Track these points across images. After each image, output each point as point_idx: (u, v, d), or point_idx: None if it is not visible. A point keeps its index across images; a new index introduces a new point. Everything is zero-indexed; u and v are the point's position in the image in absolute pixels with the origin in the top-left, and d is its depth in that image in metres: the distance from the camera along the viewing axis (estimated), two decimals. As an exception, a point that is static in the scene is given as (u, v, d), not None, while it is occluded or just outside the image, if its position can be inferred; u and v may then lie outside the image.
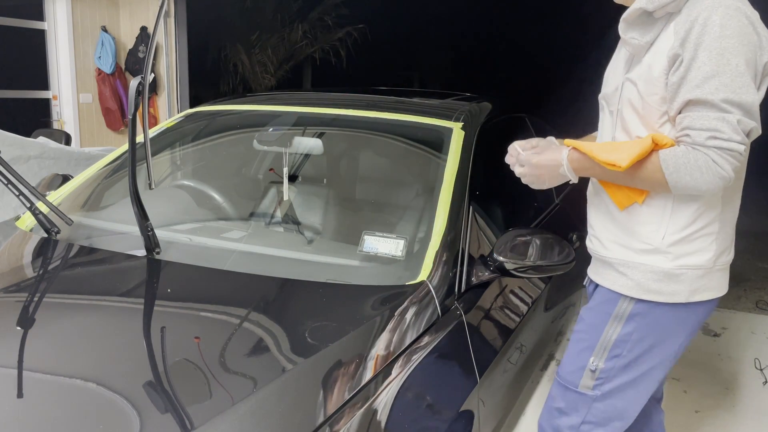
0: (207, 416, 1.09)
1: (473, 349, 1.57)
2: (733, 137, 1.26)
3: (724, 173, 1.27)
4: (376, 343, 1.36)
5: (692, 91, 1.28)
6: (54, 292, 1.57)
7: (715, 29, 1.26)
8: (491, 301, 1.80)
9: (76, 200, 2.12)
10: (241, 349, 1.31)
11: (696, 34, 1.28)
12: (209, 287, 1.58)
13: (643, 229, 1.43)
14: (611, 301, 1.50)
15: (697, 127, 1.28)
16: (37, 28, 5.93)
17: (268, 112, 2.37)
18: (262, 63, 10.06)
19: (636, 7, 1.37)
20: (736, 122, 1.25)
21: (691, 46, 1.28)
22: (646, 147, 1.32)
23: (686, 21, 1.31)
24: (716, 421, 2.83)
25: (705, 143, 1.27)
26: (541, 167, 1.47)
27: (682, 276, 1.42)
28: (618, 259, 1.48)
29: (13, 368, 1.23)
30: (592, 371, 1.53)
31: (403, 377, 1.32)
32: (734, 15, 1.27)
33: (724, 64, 1.25)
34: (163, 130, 2.41)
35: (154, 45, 1.55)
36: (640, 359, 1.50)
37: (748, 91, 1.26)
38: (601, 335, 1.51)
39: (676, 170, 1.30)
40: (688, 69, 1.29)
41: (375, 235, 1.68)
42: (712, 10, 1.28)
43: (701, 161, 1.27)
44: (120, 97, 6.32)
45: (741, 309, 4.28)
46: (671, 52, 1.32)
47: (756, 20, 1.31)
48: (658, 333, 1.48)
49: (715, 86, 1.26)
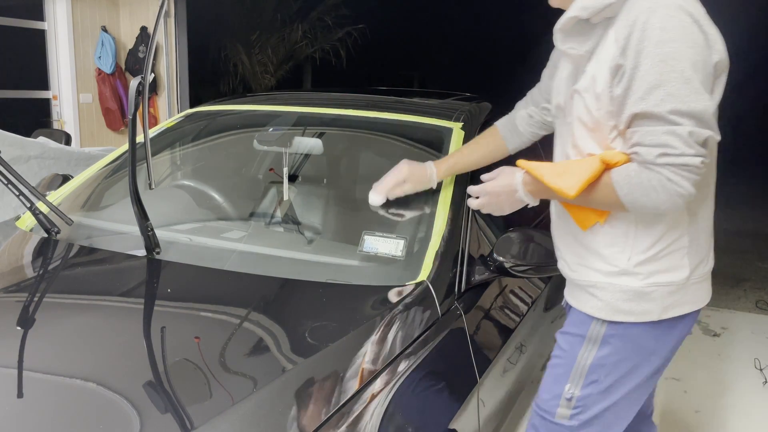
0: (207, 416, 1.09)
1: (473, 349, 1.57)
2: (686, 151, 1.16)
3: (682, 190, 1.18)
4: (376, 343, 1.36)
5: (637, 104, 1.18)
6: (54, 292, 1.57)
7: (656, 33, 1.16)
8: (491, 301, 1.80)
9: (76, 200, 2.12)
10: (240, 349, 1.31)
11: (636, 41, 1.18)
12: (209, 287, 1.58)
13: (608, 251, 1.36)
14: (584, 323, 1.42)
15: (647, 143, 1.19)
16: (37, 28, 5.93)
17: (268, 112, 2.37)
18: (262, 63, 10.06)
19: (570, 16, 1.27)
20: (687, 134, 1.15)
21: (632, 54, 1.18)
22: (595, 170, 1.25)
23: (625, 26, 1.21)
24: (716, 421, 2.83)
25: (656, 161, 1.18)
26: (498, 194, 1.43)
27: (653, 293, 1.35)
28: (587, 281, 1.41)
29: (13, 368, 1.23)
30: (567, 400, 1.44)
31: (402, 377, 1.32)
32: (675, 15, 1.17)
33: (668, 72, 1.15)
34: (163, 130, 2.41)
35: (154, 45, 1.55)
36: (618, 383, 1.41)
37: (697, 98, 1.16)
38: (576, 360, 1.43)
39: (631, 192, 1.22)
40: (632, 80, 1.19)
41: (375, 235, 1.68)
42: (650, 12, 1.17)
43: (655, 181, 1.19)
44: (120, 97, 6.32)
45: (741, 309, 4.28)
46: (613, 62, 1.22)
47: (701, 17, 1.20)
48: (636, 354, 1.40)
49: (660, 97, 1.16)
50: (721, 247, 5.79)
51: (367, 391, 1.24)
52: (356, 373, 1.27)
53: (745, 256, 5.52)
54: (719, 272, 5.87)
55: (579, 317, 1.44)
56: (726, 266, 5.17)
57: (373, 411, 1.21)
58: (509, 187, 1.41)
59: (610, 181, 1.25)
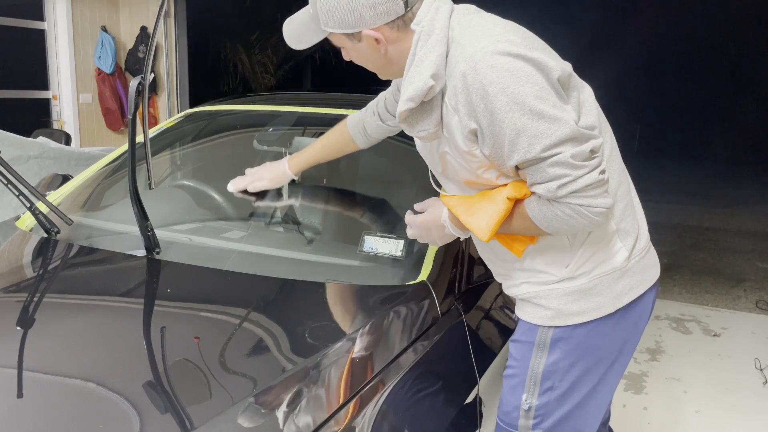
0: (207, 416, 1.09)
1: (473, 349, 1.57)
2: (579, 174, 1.14)
3: (598, 209, 1.17)
4: (375, 343, 1.36)
5: (511, 158, 1.16)
6: (54, 292, 1.57)
7: (488, 90, 1.12)
8: (491, 301, 1.80)
9: (76, 200, 2.12)
10: (241, 349, 1.31)
11: (476, 103, 1.15)
12: (209, 287, 1.58)
13: (547, 268, 1.34)
14: (531, 329, 1.39)
15: (539, 180, 1.17)
16: (37, 28, 5.93)
17: (268, 112, 2.37)
18: (262, 63, 10.06)
19: (402, 110, 1.22)
20: (570, 158, 1.13)
21: (480, 116, 1.15)
22: (503, 211, 1.23)
23: (454, 95, 1.18)
24: (716, 421, 2.83)
25: (557, 195, 1.16)
26: (429, 228, 1.40)
27: (599, 286, 1.33)
28: (528, 293, 1.39)
29: (13, 368, 1.23)
30: (526, 411, 1.40)
31: (402, 377, 1.32)
32: (494, 63, 1.13)
33: (519, 118, 1.12)
34: (163, 130, 2.41)
35: (154, 45, 1.55)
36: (576, 385, 1.38)
37: (558, 126, 1.13)
38: (528, 368, 1.39)
39: (550, 224, 1.21)
40: (493, 139, 1.16)
41: (375, 235, 1.68)
42: (472, 73, 1.14)
43: (568, 211, 1.17)
44: (120, 97, 6.32)
45: (741, 309, 4.28)
46: (465, 129, 1.19)
47: (520, 47, 1.15)
48: (589, 353, 1.36)
49: (526, 144, 1.13)
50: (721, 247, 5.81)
51: (367, 391, 1.24)
52: (356, 373, 1.27)
53: (745, 256, 5.52)
54: (719, 272, 5.90)
55: (526, 324, 1.41)
56: (726, 266, 5.17)
57: (372, 411, 1.21)
58: (437, 222, 1.38)
59: (526, 213, 1.24)
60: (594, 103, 1.30)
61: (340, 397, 1.20)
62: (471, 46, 1.16)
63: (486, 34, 1.17)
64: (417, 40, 1.20)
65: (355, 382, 1.25)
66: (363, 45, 1.26)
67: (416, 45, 1.21)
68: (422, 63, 1.19)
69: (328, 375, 1.24)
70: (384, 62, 1.29)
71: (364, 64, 1.33)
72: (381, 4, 1.19)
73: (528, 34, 1.25)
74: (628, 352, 1.43)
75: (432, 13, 1.21)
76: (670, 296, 4.43)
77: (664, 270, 1.67)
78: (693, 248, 5.71)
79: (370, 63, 1.31)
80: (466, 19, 1.23)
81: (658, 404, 2.95)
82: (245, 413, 1.11)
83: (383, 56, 1.27)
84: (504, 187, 1.26)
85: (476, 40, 1.17)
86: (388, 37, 1.23)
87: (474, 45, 1.16)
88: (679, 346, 3.60)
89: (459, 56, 1.17)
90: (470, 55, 1.15)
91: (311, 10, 1.26)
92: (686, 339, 3.73)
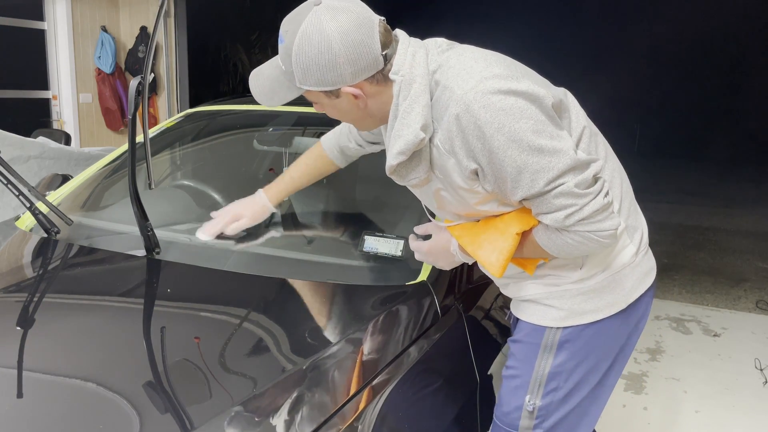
0: (207, 416, 1.09)
1: (473, 349, 1.57)
2: (584, 201, 1.14)
3: (607, 232, 1.17)
4: (376, 344, 1.36)
5: (515, 194, 1.16)
6: (54, 292, 1.57)
7: (486, 130, 1.10)
8: (491, 300, 1.80)
9: (76, 200, 2.12)
10: (240, 350, 1.31)
11: (474, 143, 1.13)
12: (209, 287, 1.58)
13: (559, 272, 1.34)
14: (538, 331, 1.38)
15: (546, 211, 1.17)
16: (37, 28, 5.93)
17: (268, 112, 2.37)
18: (262, 63, 10.05)
19: (392, 164, 1.21)
20: (574, 187, 1.13)
21: (479, 156, 1.14)
22: (512, 245, 1.24)
23: (452, 137, 1.15)
24: (716, 421, 2.83)
25: (565, 224, 1.16)
26: (435, 255, 1.41)
27: (612, 283, 1.34)
28: (540, 293, 1.37)
29: (13, 368, 1.23)
30: (529, 411, 1.40)
31: (403, 377, 1.32)
32: (486, 102, 1.11)
33: (519, 154, 1.11)
34: (163, 130, 2.41)
35: (154, 45, 1.54)
36: (579, 385, 1.39)
37: (559, 157, 1.12)
38: (533, 370, 1.39)
39: (561, 250, 1.22)
40: (495, 176, 1.15)
41: (375, 235, 1.68)
42: (468, 114, 1.11)
43: (578, 238, 1.18)
44: (120, 97, 6.32)
45: (741, 309, 4.28)
46: (465, 171, 1.17)
47: (508, 81, 1.13)
48: (595, 353, 1.37)
49: (529, 180, 1.13)
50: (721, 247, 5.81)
51: (367, 391, 1.24)
52: (356, 373, 1.27)
53: (745, 256, 5.52)
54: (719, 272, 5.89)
55: (530, 325, 1.40)
56: (726, 266, 5.17)
57: (373, 411, 1.21)
58: (445, 250, 1.39)
59: (536, 241, 1.24)
60: (579, 110, 1.30)
61: (340, 398, 1.20)
62: (459, 89, 1.13)
63: (471, 73, 1.15)
64: (398, 92, 1.17)
65: (355, 382, 1.25)
66: (341, 101, 1.22)
67: (398, 96, 1.17)
68: (408, 115, 1.16)
69: (329, 375, 1.24)
70: (362, 115, 1.26)
71: (340, 119, 1.30)
72: (361, 61, 1.15)
73: (509, 61, 1.23)
74: (628, 352, 1.45)
75: (409, 60, 1.18)
76: (670, 296, 4.43)
77: (664, 270, 1.67)
78: (693, 248, 5.71)
79: (348, 117, 1.28)
80: (444, 58, 1.20)
81: (658, 404, 2.95)
82: (245, 413, 1.11)
83: (362, 110, 1.24)
84: (509, 218, 1.26)
85: (463, 81, 1.14)
86: (368, 91, 1.20)
87: (462, 86, 1.13)
88: (679, 346, 3.60)
89: (448, 100, 1.14)
90: (460, 97, 1.12)
91: (283, 66, 1.23)
92: (686, 339, 3.73)
